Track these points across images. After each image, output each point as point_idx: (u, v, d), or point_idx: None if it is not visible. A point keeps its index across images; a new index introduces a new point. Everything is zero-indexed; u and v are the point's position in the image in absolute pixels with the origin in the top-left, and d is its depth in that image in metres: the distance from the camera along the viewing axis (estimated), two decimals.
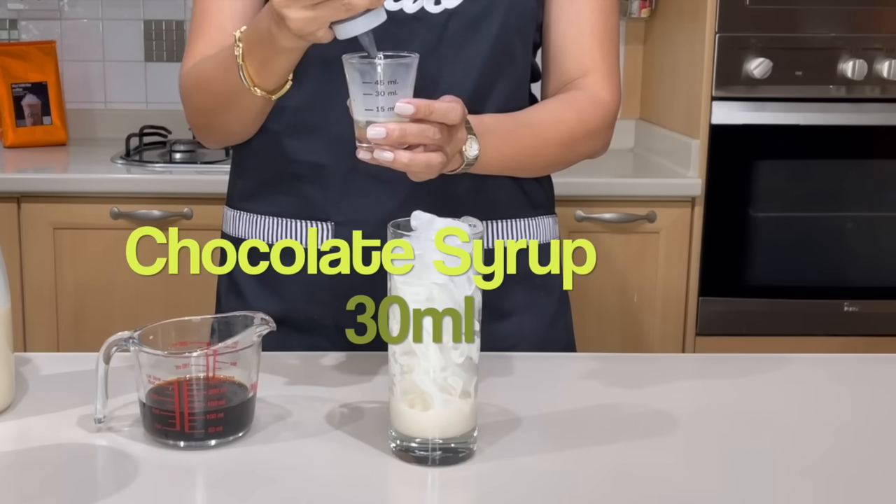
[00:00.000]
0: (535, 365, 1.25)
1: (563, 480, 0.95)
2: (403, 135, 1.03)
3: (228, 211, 1.38)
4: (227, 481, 0.94)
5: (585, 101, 1.30)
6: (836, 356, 1.37)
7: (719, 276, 2.53)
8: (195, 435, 0.98)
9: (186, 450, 0.98)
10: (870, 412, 1.14)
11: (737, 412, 1.12)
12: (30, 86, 2.84)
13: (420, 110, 1.03)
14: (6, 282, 1.06)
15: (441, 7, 1.23)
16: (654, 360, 1.46)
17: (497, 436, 1.02)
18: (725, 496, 0.93)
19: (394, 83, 1.03)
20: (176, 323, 1.04)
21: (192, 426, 0.98)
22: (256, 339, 1.01)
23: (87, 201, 2.42)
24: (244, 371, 1.01)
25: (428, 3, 1.23)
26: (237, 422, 1.00)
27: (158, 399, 0.98)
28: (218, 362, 0.99)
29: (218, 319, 1.05)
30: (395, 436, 0.98)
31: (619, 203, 2.48)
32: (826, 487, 0.96)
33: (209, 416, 0.98)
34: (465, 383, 0.96)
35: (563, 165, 1.33)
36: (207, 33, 1.29)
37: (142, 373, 0.99)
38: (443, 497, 0.95)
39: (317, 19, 1.04)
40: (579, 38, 1.31)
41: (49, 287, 2.44)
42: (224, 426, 0.99)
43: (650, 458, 0.99)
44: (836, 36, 2.47)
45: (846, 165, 2.55)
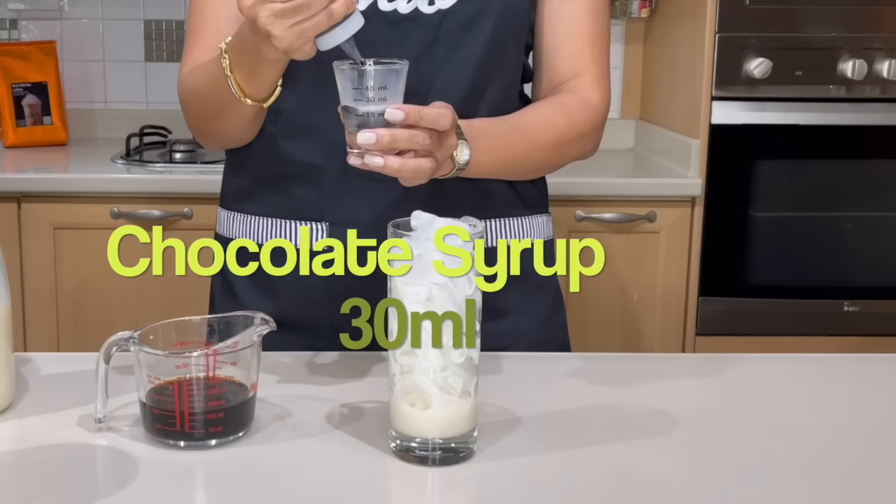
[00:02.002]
0: (533, 364, 1.25)
1: (563, 480, 0.95)
2: (393, 140, 1.04)
3: (222, 212, 1.39)
4: (226, 481, 0.94)
5: (575, 105, 1.30)
6: (835, 356, 1.37)
7: (719, 275, 2.53)
8: (195, 435, 0.98)
9: (187, 450, 0.98)
10: (869, 412, 1.14)
11: (737, 412, 1.12)
12: (30, 86, 2.84)
13: (410, 116, 1.04)
14: (6, 282, 1.07)
15: (435, 7, 1.23)
16: (655, 359, 1.46)
17: (497, 436, 1.02)
18: (725, 496, 0.93)
19: (384, 89, 1.04)
20: (176, 323, 1.04)
21: (192, 426, 0.98)
22: (256, 339, 1.01)
23: (87, 201, 2.42)
24: (244, 371, 1.01)
25: (422, 4, 1.23)
26: (237, 422, 1.00)
27: (159, 399, 0.98)
28: (218, 362, 0.99)
29: (218, 319, 1.05)
30: (395, 435, 0.98)
31: (619, 203, 2.48)
32: (825, 487, 0.96)
33: (209, 415, 0.98)
34: (465, 383, 0.96)
35: (553, 168, 1.35)
36: (204, 37, 1.29)
37: (142, 373, 0.99)
38: (443, 497, 0.95)
39: (301, 34, 1.05)
40: (571, 41, 1.31)
41: (49, 287, 2.44)
42: (224, 426, 0.99)
43: (650, 458, 0.99)
44: (836, 36, 2.47)
45: (846, 165, 2.55)
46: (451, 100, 1.15)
